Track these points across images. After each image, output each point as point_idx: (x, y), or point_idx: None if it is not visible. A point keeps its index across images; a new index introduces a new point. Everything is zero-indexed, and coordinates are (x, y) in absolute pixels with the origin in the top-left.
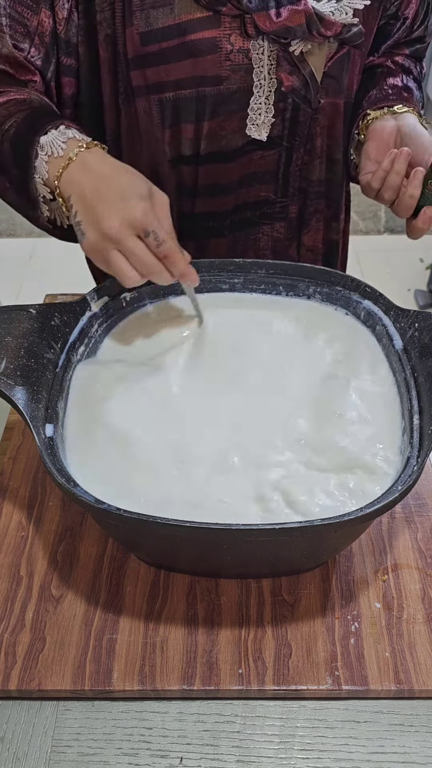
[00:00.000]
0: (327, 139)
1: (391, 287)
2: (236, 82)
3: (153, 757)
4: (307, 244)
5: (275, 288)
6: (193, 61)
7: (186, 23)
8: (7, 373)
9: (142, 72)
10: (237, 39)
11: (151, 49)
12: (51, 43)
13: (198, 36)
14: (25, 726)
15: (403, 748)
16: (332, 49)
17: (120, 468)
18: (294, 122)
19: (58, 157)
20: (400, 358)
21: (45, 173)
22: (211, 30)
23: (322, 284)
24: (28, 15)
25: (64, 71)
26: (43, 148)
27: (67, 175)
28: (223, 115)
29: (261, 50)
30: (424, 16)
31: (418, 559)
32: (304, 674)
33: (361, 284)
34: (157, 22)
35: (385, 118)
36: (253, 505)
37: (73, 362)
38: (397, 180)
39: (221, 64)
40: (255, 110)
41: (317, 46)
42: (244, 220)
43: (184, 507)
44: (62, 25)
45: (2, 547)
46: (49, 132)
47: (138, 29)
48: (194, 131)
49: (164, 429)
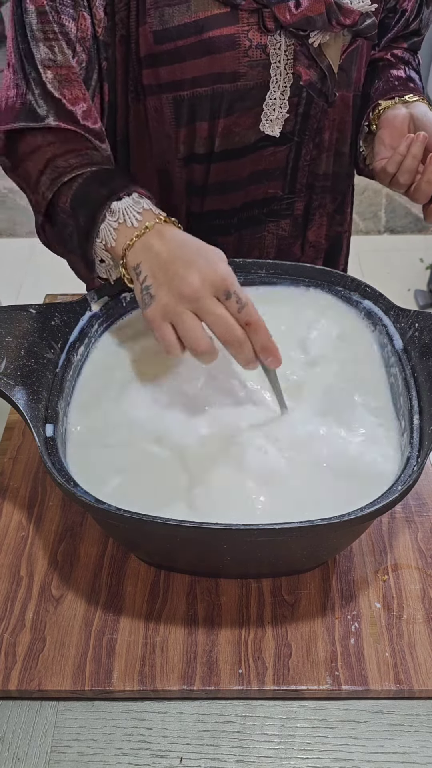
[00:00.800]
0: (336, 132)
1: (391, 287)
2: (253, 78)
3: (153, 757)
4: (311, 240)
5: (275, 288)
6: (211, 58)
7: (203, 20)
8: (7, 373)
9: (155, 71)
10: (255, 34)
11: (165, 48)
12: (93, 48)
13: (216, 33)
14: (25, 726)
15: (403, 748)
16: (346, 42)
17: (119, 467)
18: (306, 117)
19: (130, 227)
20: (400, 358)
21: (111, 240)
22: (230, 26)
23: (322, 284)
24: (67, 22)
25: (104, 77)
26: (113, 214)
27: (141, 243)
28: (238, 112)
29: (278, 45)
30: (419, 9)
31: (418, 559)
32: (304, 674)
33: (361, 284)
34: (173, 20)
35: (396, 107)
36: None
37: (73, 362)
38: (414, 164)
39: (239, 61)
40: (270, 106)
41: (334, 38)
42: (251, 218)
43: (183, 506)
44: (101, 27)
45: (2, 547)
46: (123, 198)
47: (152, 27)
48: (209, 129)
49: (166, 428)
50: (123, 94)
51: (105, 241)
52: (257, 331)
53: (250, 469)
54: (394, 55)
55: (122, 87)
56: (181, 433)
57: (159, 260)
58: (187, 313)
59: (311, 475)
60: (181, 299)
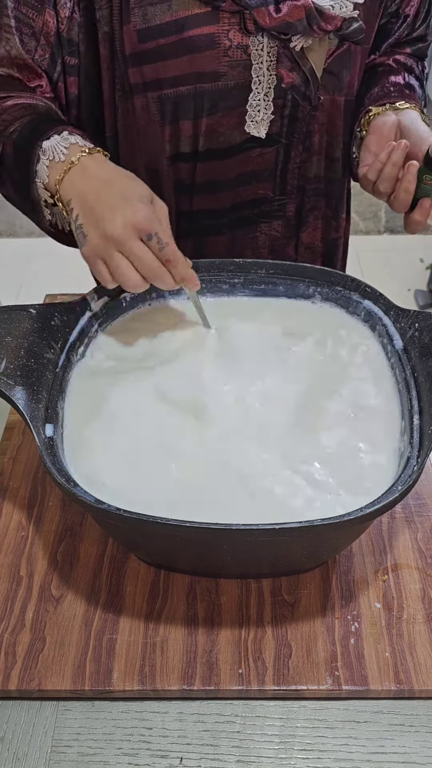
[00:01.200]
0: (326, 136)
1: (391, 287)
2: (234, 78)
3: (153, 757)
4: (306, 242)
5: (275, 288)
6: (191, 57)
7: (184, 19)
8: (7, 373)
9: (140, 69)
10: (236, 35)
11: (148, 46)
12: (56, 43)
13: (196, 32)
14: (25, 726)
15: (403, 748)
16: (332, 46)
17: (119, 467)
18: (293, 119)
19: (59, 162)
20: (400, 358)
21: (46, 177)
22: (210, 26)
23: (322, 284)
24: (33, 15)
25: (69, 71)
26: (45, 153)
27: (68, 180)
28: (221, 112)
29: (260, 46)
30: (425, 14)
31: (418, 559)
32: (304, 674)
33: (361, 284)
34: (155, 18)
35: (386, 113)
36: (251, 505)
37: (73, 362)
38: (394, 171)
39: (219, 60)
40: (254, 107)
41: (317, 42)
42: (242, 219)
43: (183, 506)
44: (64, 24)
45: (2, 547)
46: (51, 137)
47: (135, 26)
48: (192, 128)
49: (166, 426)
50: (110, 91)
51: (42, 180)
52: (176, 266)
53: (250, 465)
54: (396, 61)
55: (109, 85)
56: (182, 432)
57: (86, 200)
58: (115, 253)
59: (309, 473)
60: (108, 241)
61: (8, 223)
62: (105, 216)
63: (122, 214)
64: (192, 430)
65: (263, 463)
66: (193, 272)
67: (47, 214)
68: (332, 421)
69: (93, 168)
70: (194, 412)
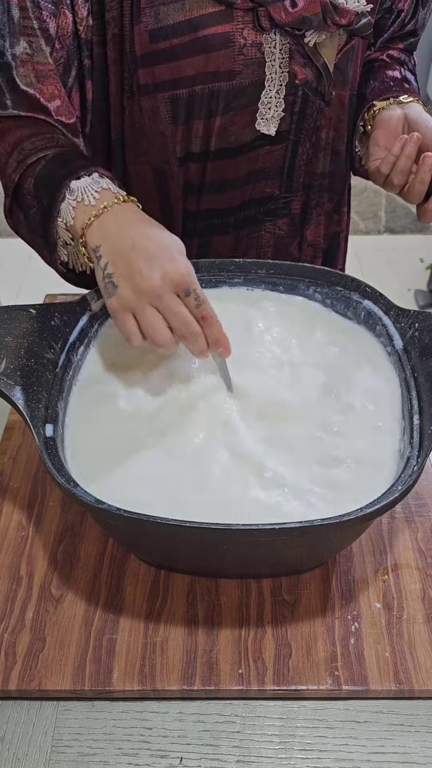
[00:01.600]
0: (332, 131)
1: (391, 287)
2: (249, 76)
3: (153, 757)
4: (310, 239)
5: (275, 288)
6: (206, 56)
7: (198, 19)
8: (7, 373)
9: (151, 70)
10: (250, 33)
11: (161, 47)
12: (72, 46)
13: (210, 31)
14: (25, 726)
15: (403, 748)
16: (342, 41)
17: (119, 467)
18: (302, 116)
19: (88, 206)
20: (400, 358)
21: (70, 219)
22: (224, 24)
23: (322, 284)
24: (47, 18)
25: (87, 74)
26: (72, 193)
27: (98, 224)
28: (234, 111)
29: (273, 44)
30: (414, 9)
31: (418, 559)
32: (304, 674)
33: (361, 284)
34: (168, 18)
35: (391, 107)
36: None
37: (73, 362)
38: (407, 164)
39: (234, 59)
40: (265, 104)
41: (329, 37)
42: (248, 218)
43: (184, 506)
44: (82, 26)
45: (2, 547)
46: (82, 177)
47: (147, 26)
48: (205, 128)
49: (166, 426)
50: (117, 93)
51: (65, 221)
52: (211, 326)
53: (254, 471)
54: (389, 56)
55: (116, 87)
56: (181, 432)
57: (120, 248)
58: (148, 307)
59: (310, 473)
60: (142, 294)
61: None
62: (141, 267)
63: (161, 266)
64: (192, 430)
65: (263, 463)
66: (227, 337)
67: (63, 255)
68: (332, 421)
69: (127, 216)
70: (195, 412)
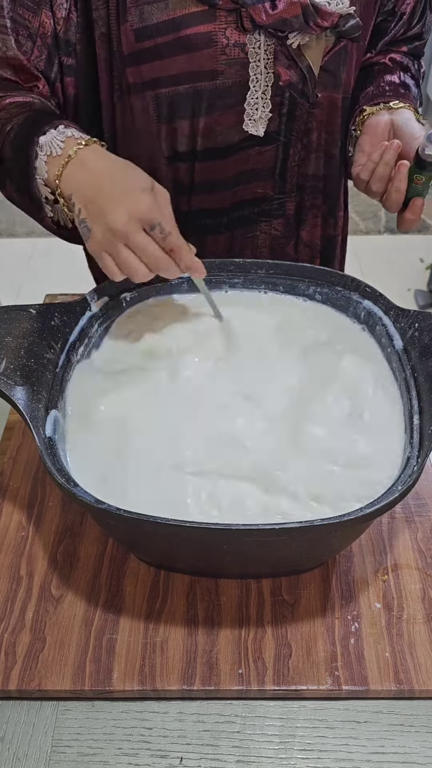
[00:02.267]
0: (324, 134)
1: (391, 287)
2: (232, 76)
3: (153, 757)
4: (306, 240)
5: (275, 288)
6: (188, 56)
7: (180, 18)
8: (7, 373)
9: (138, 68)
10: (233, 33)
11: (145, 45)
12: (53, 44)
13: (193, 30)
14: (25, 726)
15: (403, 748)
16: (329, 43)
17: (119, 467)
18: (291, 117)
19: (57, 156)
20: (400, 358)
21: (45, 173)
22: (207, 24)
23: (322, 284)
24: (29, 17)
25: (66, 71)
26: (42, 148)
27: (67, 174)
28: (219, 111)
29: (257, 44)
30: (421, 12)
31: (418, 559)
32: (304, 674)
33: (361, 284)
34: (152, 17)
35: (380, 113)
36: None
37: (73, 362)
38: (386, 171)
39: (217, 59)
40: (252, 105)
41: (314, 39)
42: (242, 218)
43: (184, 506)
44: (61, 25)
45: (2, 547)
46: (47, 132)
47: (132, 26)
48: (190, 127)
49: (166, 426)
50: (108, 92)
51: (41, 176)
52: (181, 256)
53: (251, 469)
54: (392, 60)
55: (107, 85)
56: (182, 432)
57: (87, 193)
58: (120, 246)
59: (310, 474)
60: (112, 234)
61: (8, 223)
62: (107, 209)
63: (124, 205)
64: (193, 430)
65: (262, 462)
66: (198, 260)
67: (49, 212)
68: (331, 421)
69: (91, 160)
70: (195, 412)
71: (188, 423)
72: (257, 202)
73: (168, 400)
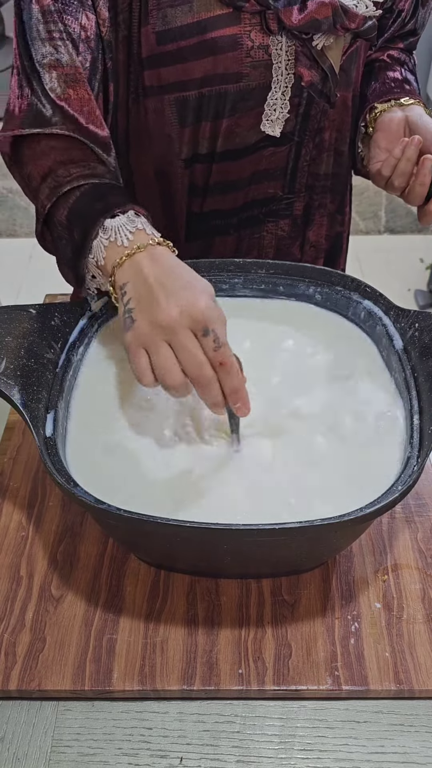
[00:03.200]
0: (335, 132)
1: (391, 287)
2: (256, 78)
3: (153, 758)
4: (312, 240)
5: (275, 288)
6: (213, 59)
7: (206, 21)
8: (7, 373)
9: (157, 72)
10: (257, 35)
11: (168, 48)
12: (96, 47)
13: (218, 33)
14: (25, 726)
15: (403, 748)
16: (346, 43)
17: (119, 467)
18: (306, 117)
19: (120, 246)
20: (400, 358)
21: (102, 258)
22: (232, 27)
23: (322, 284)
24: (71, 22)
25: (111, 76)
26: (105, 231)
27: (130, 264)
28: (240, 113)
29: (280, 46)
30: (414, 8)
31: (418, 559)
32: (304, 674)
33: (361, 284)
34: (176, 20)
35: (392, 110)
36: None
37: (73, 362)
38: (408, 167)
39: (242, 61)
40: (271, 106)
41: (336, 40)
42: (251, 218)
43: (184, 506)
44: (105, 27)
45: (2, 547)
46: (117, 216)
47: (154, 28)
48: (212, 129)
49: (165, 427)
50: (124, 95)
51: (96, 258)
52: (229, 373)
53: (248, 466)
54: (390, 56)
55: (123, 88)
56: (182, 432)
57: (145, 284)
58: (162, 343)
59: (310, 474)
60: (158, 328)
61: (8, 223)
62: (160, 300)
63: (180, 300)
64: (192, 430)
65: (264, 460)
66: (246, 391)
67: (93, 288)
68: (331, 421)
69: (159, 258)
70: (195, 412)
71: (189, 424)
72: (266, 202)
73: (169, 399)
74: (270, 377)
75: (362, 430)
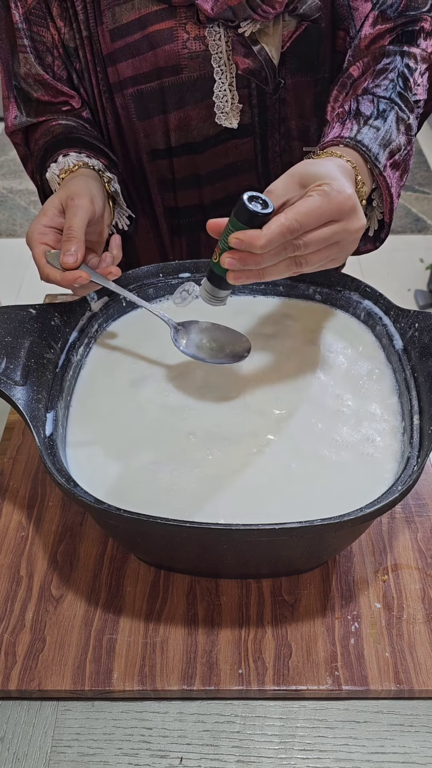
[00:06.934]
0: (299, 119)
1: (391, 287)
2: (195, 69)
3: (153, 758)
4: None
5: (275, 288)
6: (154, 52)
7: (145, 16)
8: (7, 373)
9: (115, 68)
10: (192, 27)
11: (119, 45)
12: (65, 54)
13: (156, 27)
14: (25, 726)
15: (403, 748)
16: (291, 27)
17: (119, 467)
18: (262, 107)
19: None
20: (400, 358)
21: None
22: (168, 21)
23: (322, 284)
24: (42, 32)
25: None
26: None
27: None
28: (188, 105)
29: (218, 36)
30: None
31: (418, 559)
32: (304, 674)
33: (361, 284)
34: (122, 17)
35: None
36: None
37: (73, 362)
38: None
39: (179, 53)
40: (220, 98)
41: (270, 25)
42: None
43: (184, 506)
44: (62, 33)
45: (2, 547)
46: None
47: (107, 27)
48: (163, 123)
49: (165, 427)
50: (98, 94)
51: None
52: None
53: (249, 467)
54: (376, 53)
55: (96, 86)
56: (182, 432)
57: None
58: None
59: (311, 474)
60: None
61: (8, 223)
62: None
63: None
64: (193, 430)
65: (262, 461)
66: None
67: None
68: (331, 421)
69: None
70: (196, 412)
71: (189, 423)
72: None
73: (168, 399)
74: (270, 375)
75: (362, 430)
